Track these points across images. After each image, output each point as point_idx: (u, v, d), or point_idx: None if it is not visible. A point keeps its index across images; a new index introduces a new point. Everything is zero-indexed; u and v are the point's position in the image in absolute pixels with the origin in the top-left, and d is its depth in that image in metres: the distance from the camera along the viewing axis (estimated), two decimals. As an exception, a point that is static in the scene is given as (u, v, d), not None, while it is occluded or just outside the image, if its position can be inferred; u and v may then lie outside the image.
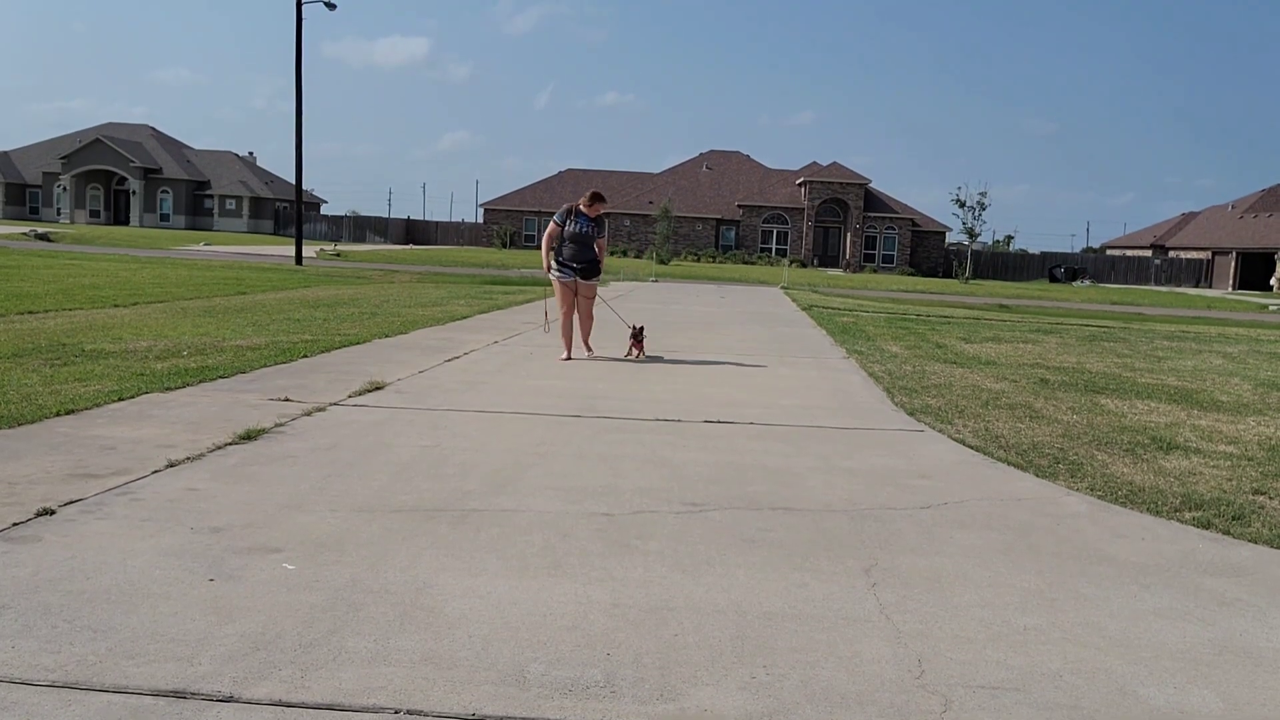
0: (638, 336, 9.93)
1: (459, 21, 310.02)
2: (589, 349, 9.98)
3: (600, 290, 10.68)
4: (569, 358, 9.56)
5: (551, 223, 9.90)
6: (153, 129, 79.91)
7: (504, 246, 63.23)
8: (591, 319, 10.17)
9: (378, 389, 7.26)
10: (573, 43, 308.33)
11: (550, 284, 10.17)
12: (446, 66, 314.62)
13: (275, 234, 71.97)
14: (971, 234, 55.73)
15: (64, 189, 74.56)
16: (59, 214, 74.28)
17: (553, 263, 9.81)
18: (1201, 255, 64.62)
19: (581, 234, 9.77)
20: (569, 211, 9.85)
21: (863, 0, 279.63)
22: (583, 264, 9.84)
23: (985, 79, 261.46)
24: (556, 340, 10.00)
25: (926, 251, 62.63)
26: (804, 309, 20.00)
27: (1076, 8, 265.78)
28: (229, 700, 2.59)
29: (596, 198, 9.88)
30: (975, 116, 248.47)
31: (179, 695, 2.60)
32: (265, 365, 8.12)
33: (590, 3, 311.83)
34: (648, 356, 9.94)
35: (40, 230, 48.34)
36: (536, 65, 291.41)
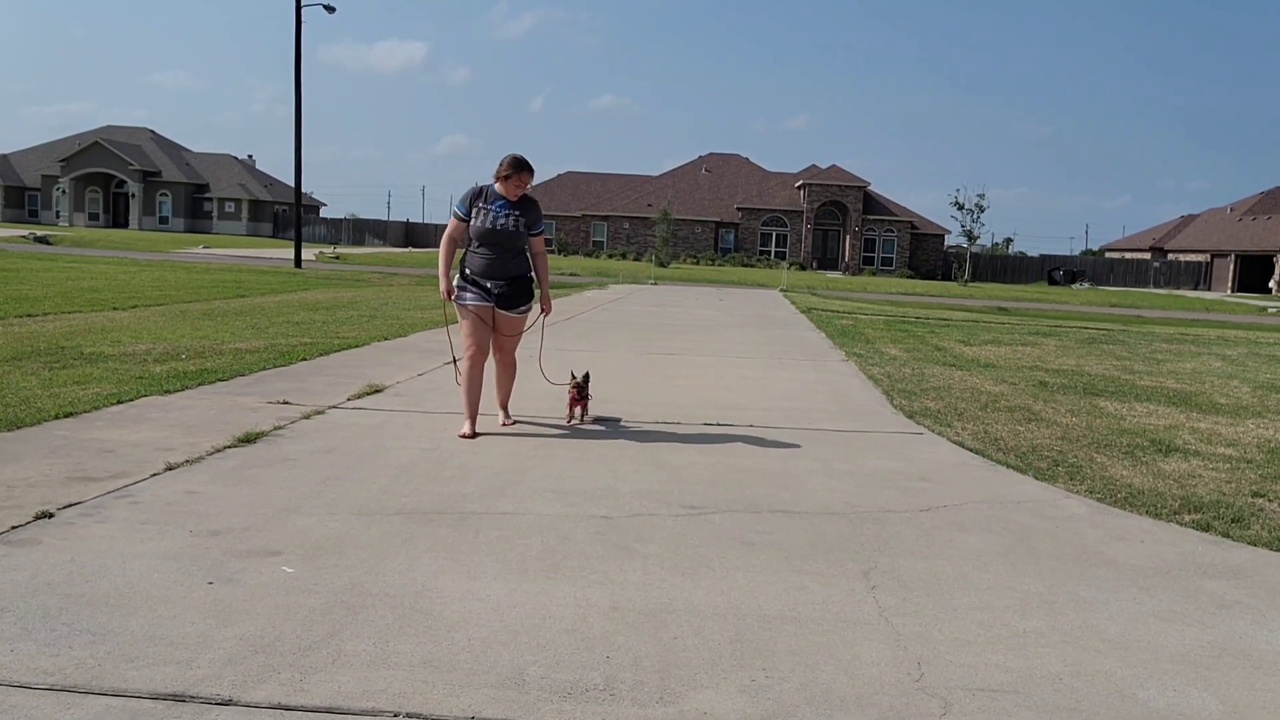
0: (580, 390, 6.51)
1: (454, 26, 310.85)
2: (506, 415, 6.37)
3: (596, 294, 8.86)
4: (472, 434, 5.96)
5: (451, 216, 6.18)
6: (152, 132, 79.93)
7: (503, 249, 63.14)
8: (514, 370, 6.38)
9: (377, 392, 7.26)
10: (568, 47, 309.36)
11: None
12: (443, 71, 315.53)
13: (274, 237, 71.97)
14: (970, 236, 55.80)
15: (63, 192, 74.55)
16: (58, 217, 74.26)
17: (455, 282, 6.11)
18: (1200, 258, 64.66)
19: (497, 229, 5.99)
20: (476, 195, 6.06)
21: (858, 4, 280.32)
22: (503, 282, 6.06)
23: (983, 82, 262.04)
24: (558, 342, 9.71)
25: (926, 254, 62.64)
26: (803, 311, 20.00)
27: (1071, 9, 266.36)
28: (228, 703, 2.58)
29: (518, 165, 5.98)
30: (973, 120, 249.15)
31: (178, 698, 2.60)
32: (264, 368, 8.11)
33: (584, 8, 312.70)
34: (597, 419, 6.63)
35: (39, 233, 48.35)
36: (533, 69, 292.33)
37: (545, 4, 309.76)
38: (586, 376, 6.58)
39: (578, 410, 6.55)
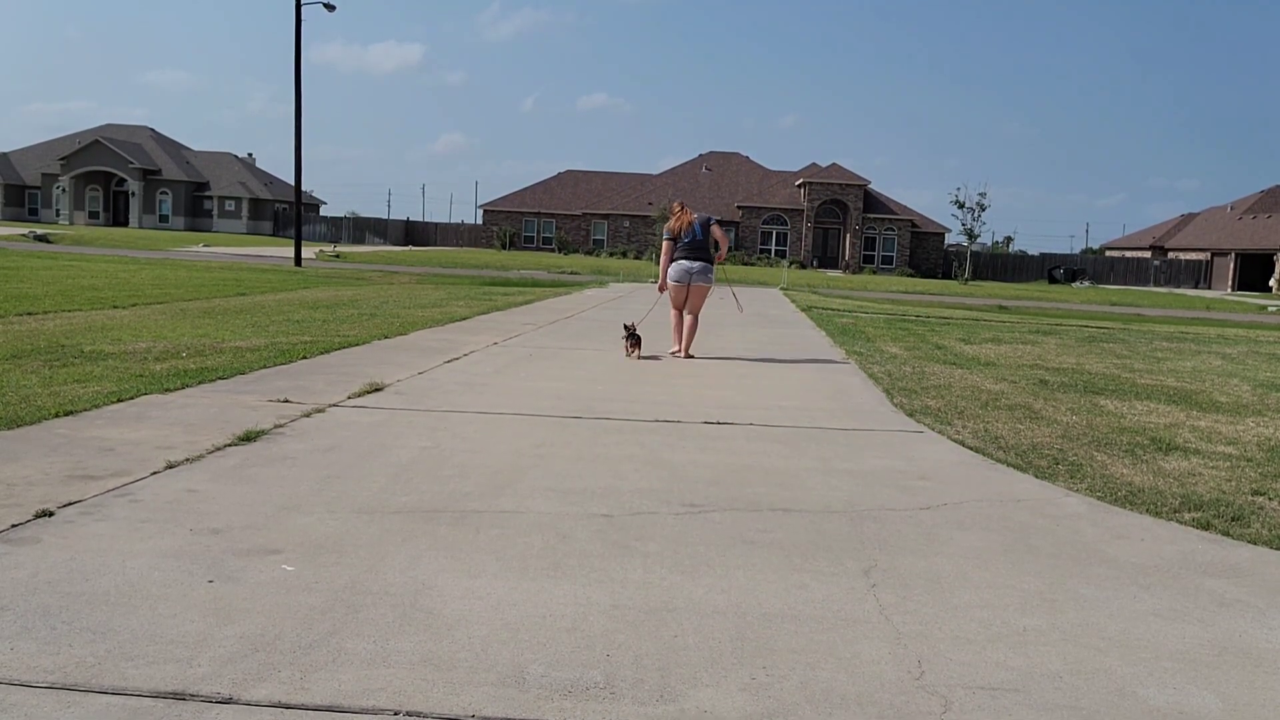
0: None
1: (448, 29, 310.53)
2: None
3: (596, 293, 10.19)
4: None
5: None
6: (152, 130, 79.91)
7: (504, 248, 63.25)
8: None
9: (377, 390, 7.26)
10: (558, 47, 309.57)
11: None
12: (439, 72, 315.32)
13: (274, 235, 71.96)
14: (971, 235, 55.80)
15: (63, 190, 74.53)
16: (58, 215, 74.25)
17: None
18: (1200, 256, 64.65)
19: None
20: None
21: (857, 1, 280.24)
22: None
23: (981, 80, 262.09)
24: (559, 341, 9.81)
25: (926, 253, 62.64)
26: (803, 310, 20.00)
27: (1069, 7, 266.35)
28: (228, 702, 2.58)
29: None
30: (971, 118, 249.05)
31: (178, 697, 2.60)
32: (264, 366, 8.11)
33: (572, 9, 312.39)
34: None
35: (39, 231, 48.36)
36: (526, 70, 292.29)
37: (533, 5, 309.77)
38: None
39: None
